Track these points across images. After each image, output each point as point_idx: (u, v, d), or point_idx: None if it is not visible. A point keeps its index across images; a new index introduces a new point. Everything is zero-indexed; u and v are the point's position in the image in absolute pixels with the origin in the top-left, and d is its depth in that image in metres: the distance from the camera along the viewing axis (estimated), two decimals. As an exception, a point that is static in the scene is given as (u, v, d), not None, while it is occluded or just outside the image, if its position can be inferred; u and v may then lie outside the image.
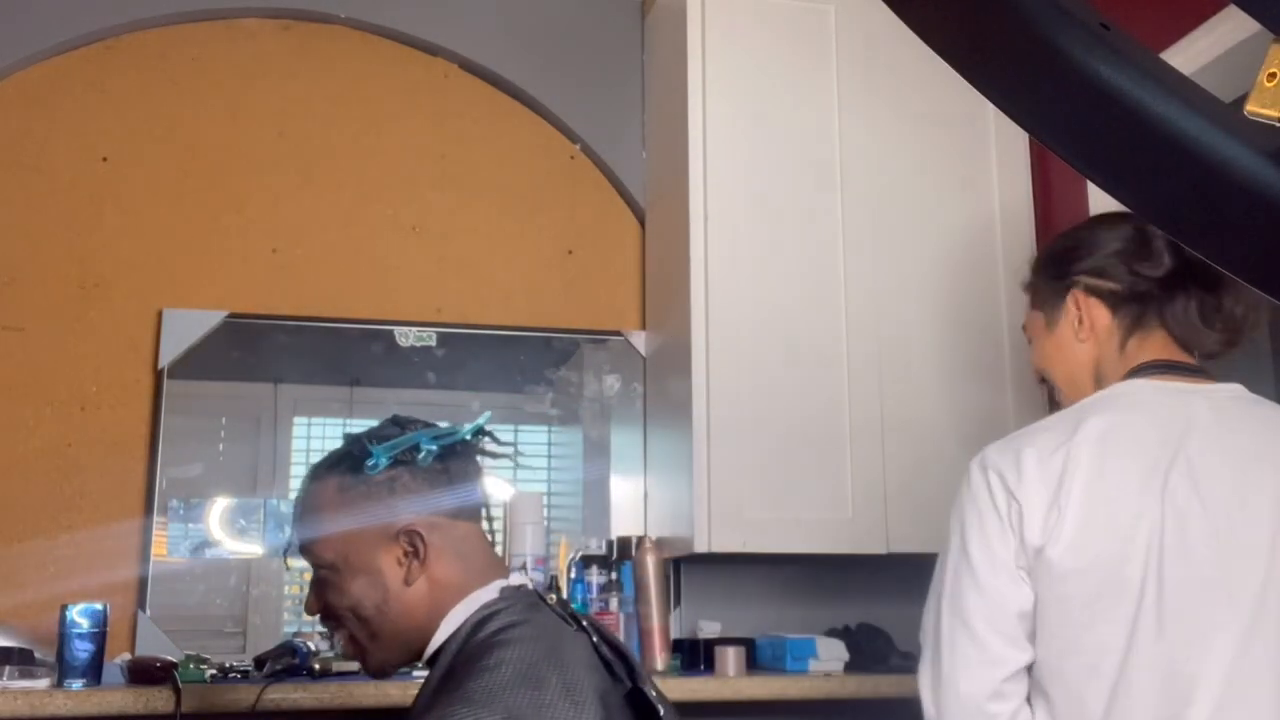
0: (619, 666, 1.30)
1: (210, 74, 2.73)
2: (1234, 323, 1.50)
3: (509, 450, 1.47)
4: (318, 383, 2.78)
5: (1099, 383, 1.53)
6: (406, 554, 1.34)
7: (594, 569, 2.48)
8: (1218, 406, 1.43)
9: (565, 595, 2.42)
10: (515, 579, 1.37)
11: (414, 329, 2.71)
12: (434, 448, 1.37)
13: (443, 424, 1.42)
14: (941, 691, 1.38)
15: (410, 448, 1.36)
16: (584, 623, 1.33)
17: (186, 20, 2.73)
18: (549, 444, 2.86)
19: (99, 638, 2.00)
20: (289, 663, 2.12)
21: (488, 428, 1.43)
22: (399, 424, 1.41)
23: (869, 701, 2.31)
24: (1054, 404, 1.63)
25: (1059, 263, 1.61)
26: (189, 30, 2.74)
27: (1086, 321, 1.56)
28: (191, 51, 2.73)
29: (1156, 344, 1.52)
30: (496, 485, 1.47)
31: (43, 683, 1.95)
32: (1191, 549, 1.32)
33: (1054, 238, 1.72)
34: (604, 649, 1.30)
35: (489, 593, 1.33)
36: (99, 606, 2.01)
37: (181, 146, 2.68)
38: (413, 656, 1.37)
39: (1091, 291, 1.55)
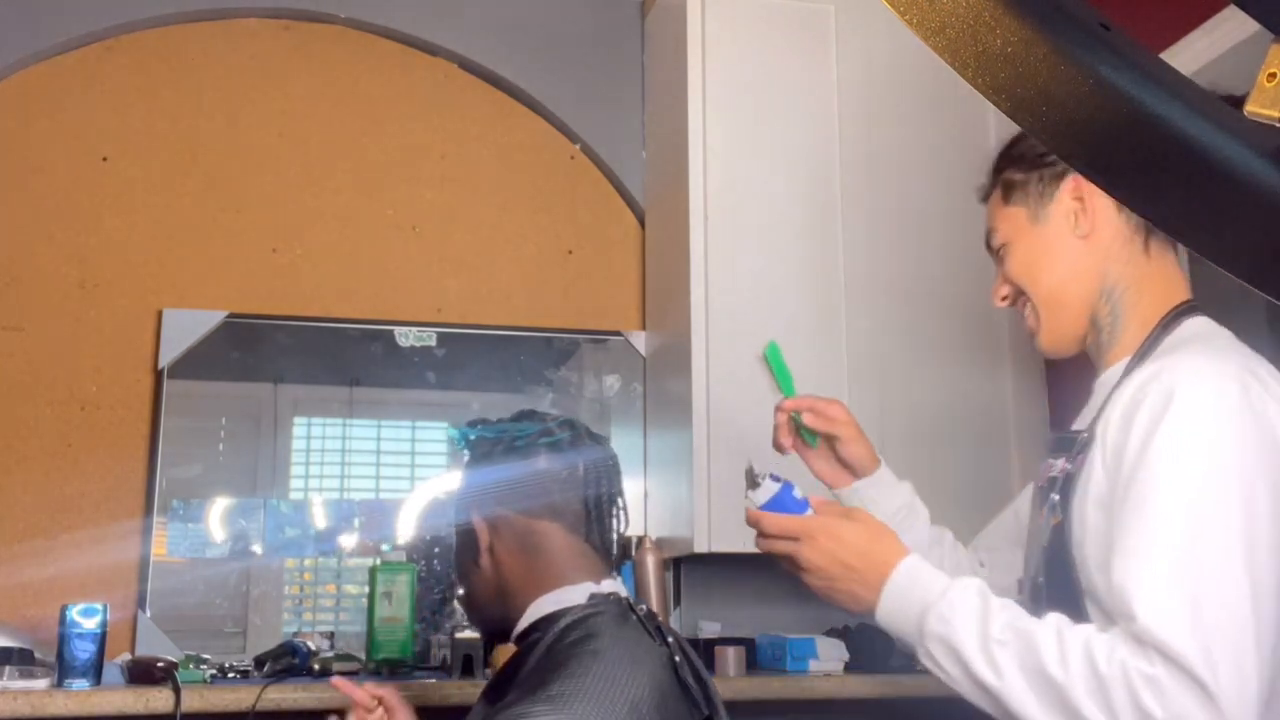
0: (697, 693, 1.30)
1: (210, 74, 2.73)
2: None
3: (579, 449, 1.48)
4: (318, 383, 2.77)
5: (1110, 299, 1.26)
6: (473, 539, 1.42)
7: (594, 569, 2.48)
8: None
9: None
10: (607, 585, 1.38)
11: (414, 329, 2.71)
12: (484, 443, 1.43)
13: (526, 424, 1.45)
14: None
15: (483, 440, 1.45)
16: (669, 639, 1.34)
17: (186, 20, 2.73)
18: (549, 444, 2.86)
19: (99, 638, 2.00)
20: (289, 663, 2.12)
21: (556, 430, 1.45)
22: (520, 417, 1.46)
23: (869, 701, 2.31)
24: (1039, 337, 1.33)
25: (1039, 150, 1.30)
26: (189, 30, 2.74)
27: (1089, 212, 1.26)
28: (191, 51, 2.73)
29: (1173, 260, 1.27)
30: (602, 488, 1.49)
31: (42, 683, 1.94)
32: None
33: (1018, 133, 1.37)
34: (684, 671, 1.31)
35: (578, 595, 1.35)
36: (99, 606, 2.01)
37: (181, 146, 2.68)
38: (498, 626, 1.43)
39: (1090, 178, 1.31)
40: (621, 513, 1.47)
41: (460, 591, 2.35)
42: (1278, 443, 1.06)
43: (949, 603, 1.11)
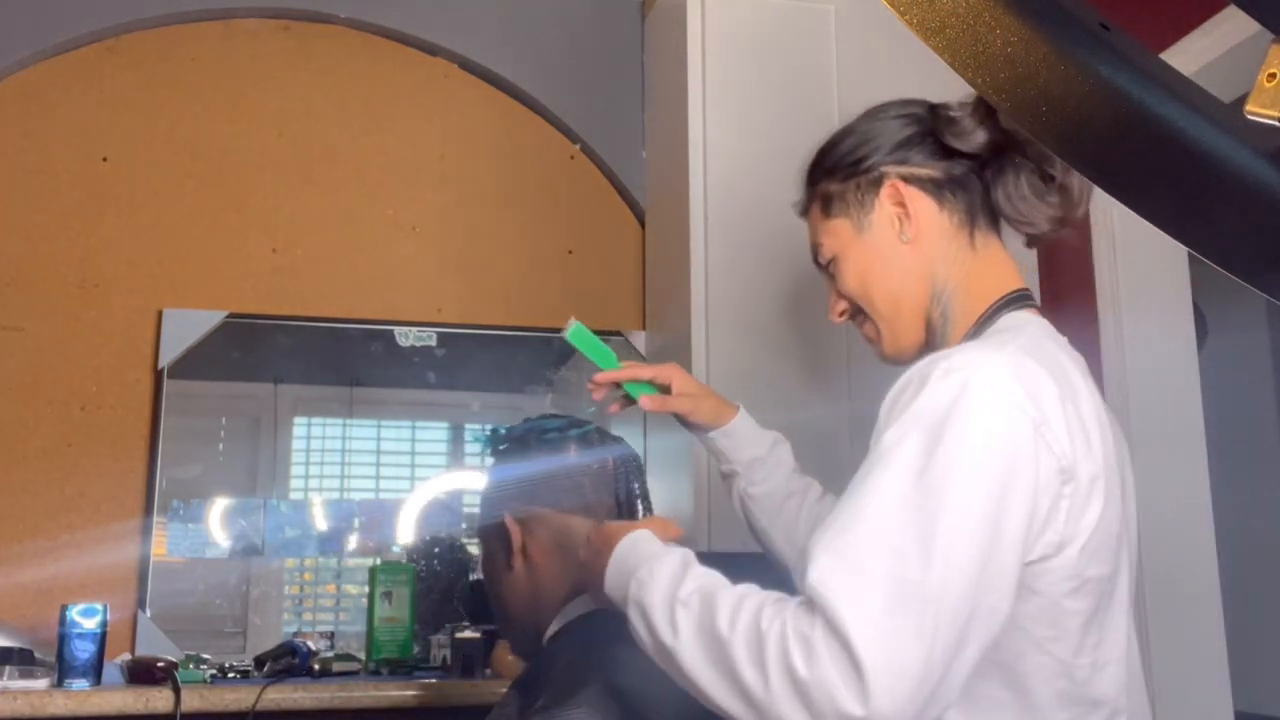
0: None
1: (210, 74, 2.73)
2: (1069, 195, 1.22)
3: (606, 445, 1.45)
4: (318, 383, 2.78)
5: (939, 300, 1.25)
6: (505, 541, 1.36)
7: (594, 569, 2.48)
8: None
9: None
10: None
11: (414, 329, 2.71)
12: (507, 438, 1.41)
13: (550, 419, 1.43)
14: None
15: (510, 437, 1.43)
16: None
17: (186, 20, 2.73)
18: (549, 444, 2.86)
19: (99, 638, 2.00)
20: (289, 663, 2.12)
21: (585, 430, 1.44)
22: (545, 417, 1.45)
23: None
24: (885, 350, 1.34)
25: (852, 159, 1.32)
26: (189, 30, 2.74)
27: (912, 216, 1.26)
28: (191, 51, 2.73)
29: (999, 249, 1.26)
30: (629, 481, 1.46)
31: (42, 683, 1.95)
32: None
33: (827, 140, 1.42)
34: None
35: None
36: (99, 606, 2.02)
37: (181, 146, 2.68)
38: (532, 634, 1.37)
39: (908, 180, 1.27)
40: (649, 513, 1.44)
41: (461, 592, 2.34)
42: (1016, 446, 1.01)
43: (650, 569, 1.10)
